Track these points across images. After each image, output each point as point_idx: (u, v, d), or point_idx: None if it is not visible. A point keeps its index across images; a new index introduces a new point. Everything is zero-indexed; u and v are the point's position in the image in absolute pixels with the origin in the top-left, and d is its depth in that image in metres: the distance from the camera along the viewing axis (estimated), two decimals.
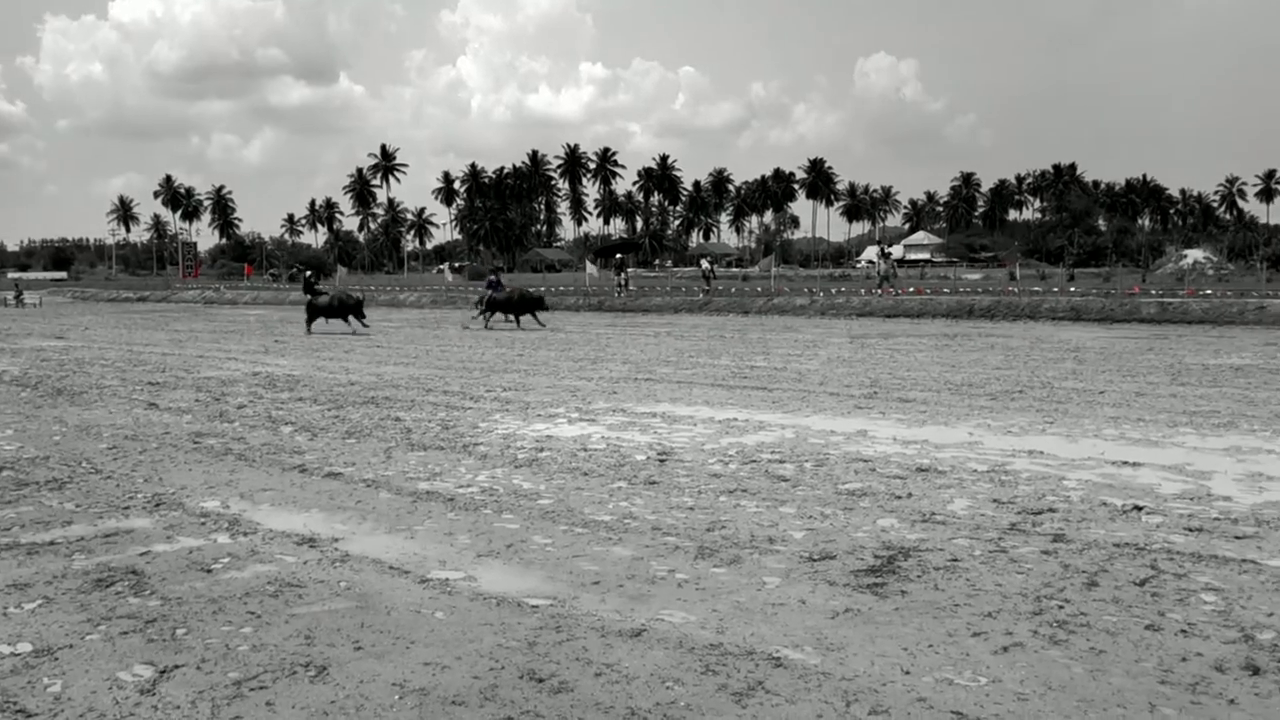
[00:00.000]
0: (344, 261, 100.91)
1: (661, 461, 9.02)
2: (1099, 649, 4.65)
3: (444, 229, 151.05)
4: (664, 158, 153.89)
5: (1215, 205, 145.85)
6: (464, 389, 14.53)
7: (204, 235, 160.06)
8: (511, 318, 29.51)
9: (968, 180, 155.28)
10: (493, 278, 31.68)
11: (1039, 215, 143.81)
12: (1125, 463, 8.69)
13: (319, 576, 5.94)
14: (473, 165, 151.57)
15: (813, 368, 16.92)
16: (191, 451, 9.92)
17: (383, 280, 74.73)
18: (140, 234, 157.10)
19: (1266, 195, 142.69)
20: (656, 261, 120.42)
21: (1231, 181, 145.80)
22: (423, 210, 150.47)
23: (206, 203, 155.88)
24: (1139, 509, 7.10)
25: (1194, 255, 72.05)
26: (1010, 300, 32.40)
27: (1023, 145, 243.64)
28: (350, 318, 28.32)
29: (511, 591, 5.59)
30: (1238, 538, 6.39)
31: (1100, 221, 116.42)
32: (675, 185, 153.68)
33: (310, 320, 28.66)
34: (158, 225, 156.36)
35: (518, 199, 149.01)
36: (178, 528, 7.05)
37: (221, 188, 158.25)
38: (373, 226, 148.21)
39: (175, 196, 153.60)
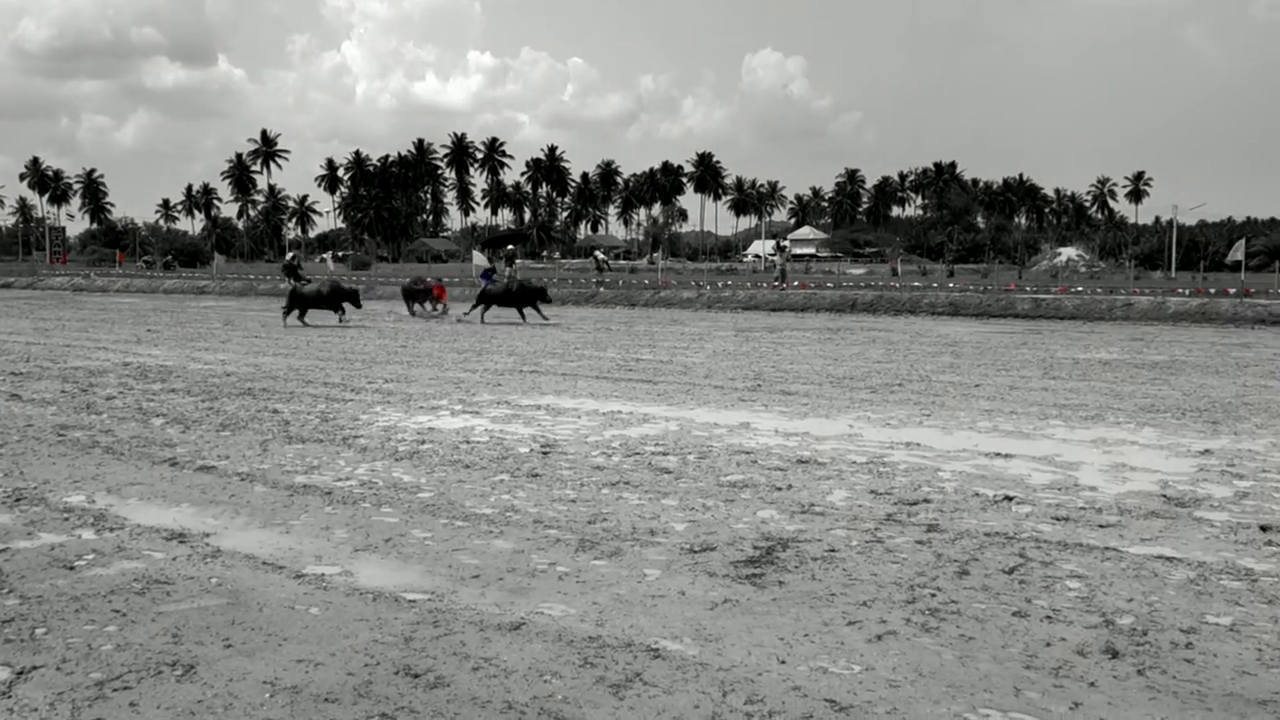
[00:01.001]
0: (222, 249, 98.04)
1: (545, 454, 8.97)
2: (968, 635, 4.76)
3: (327, 217, 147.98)
4: (552, 149, 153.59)
5: (1088, 205, 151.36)
6: (345, 380, 14.24)
7: (74, 220, 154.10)
8: (511, 310, 26.82)
9: (852, 177, 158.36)
10: (488, 267, 29.27)
11: (921, 212, 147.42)
12: (998, 454, 8.93)
13: (188, 573, 5.74)
14: (357, 153, 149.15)
15: (698, 361, 17.04)
16: (56, 444, 9.52)
17: (263, 269, 72.88)
18: (4, 218, 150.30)
19: (1135, 196, 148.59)
20: (544, 253, 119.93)
21: (1103, 182, 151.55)
22: (305, 198, 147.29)
23: (76, 186, 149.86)
24: (1009, 499, 7.31)
25: (1067, 253, 74.68)
26: (892, 295, 33.13)
27: (905, 143, 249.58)
28: (344, 307, 25.91)
29: (389, 586, 5.49)
30: (1101, 526, 6.62)
31: (979, 219, 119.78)
32: (563, 176, 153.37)
33: (290, 310, 25.78)
34: (23, 209, 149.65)
35: (403, 188, 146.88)
36: (39, 523, 6.75)
37: (93, 171, 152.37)
38: (253, 214, 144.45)
39: (43, 179, 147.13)
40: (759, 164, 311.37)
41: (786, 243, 64.13)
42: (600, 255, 48.51)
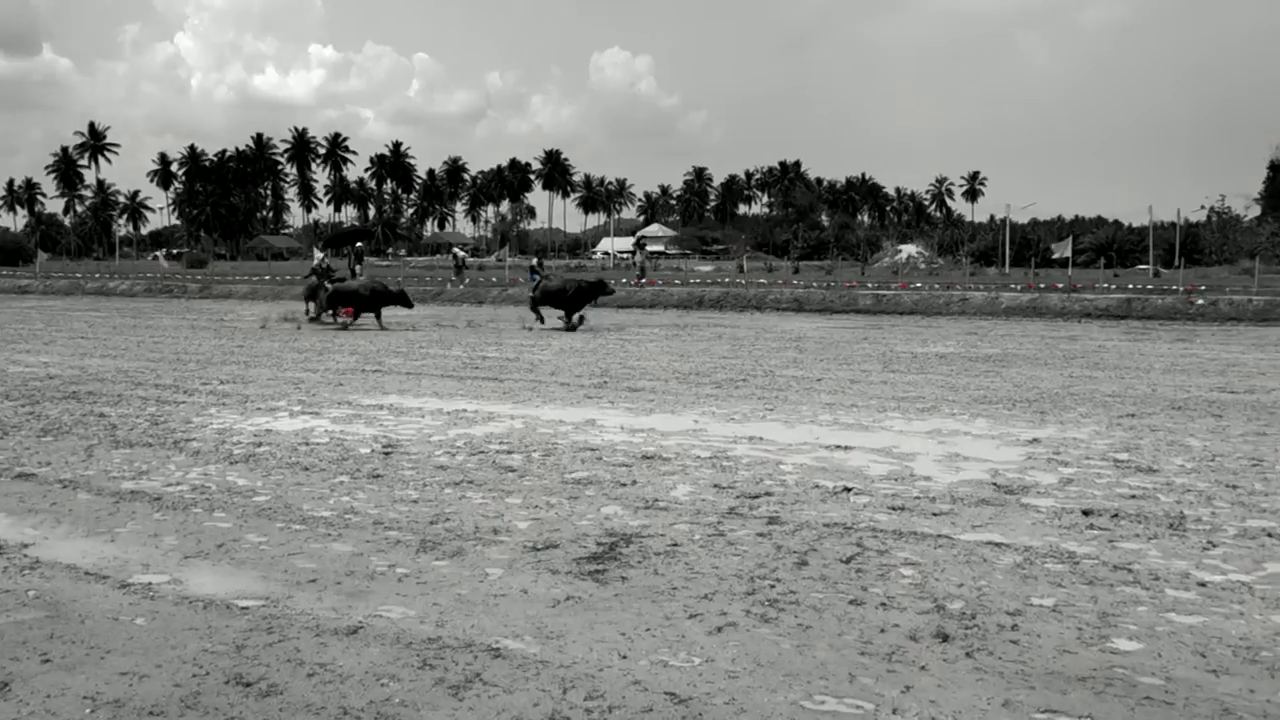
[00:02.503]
0: (46, 246, 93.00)
1: (386, 454, 8.77)
2: (806, 624, 4.84)
3: (161, 214, 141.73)
4: (397, 144, 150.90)
5: (927, 203, 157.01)
6: (177, 382, 13.66)
7: None
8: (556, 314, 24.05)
9: (700, 175, 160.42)
10: (534, 262, 27.36)
11: (767, 210, 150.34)
12: (838, 447, 9.14)
13: (4, 586, 5.41)
14: (192, 147, 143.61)
15: (545, 358, 16.96)
16: None
17: (91, 267, 69.53)
18: None
19: (972, 195, 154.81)
20: (390, 250, 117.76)
21: (941, 182, 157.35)
22: (136, 193, 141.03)
23: None
24: (848, 490, 7.48)
25: (908, 250, 77.32)
26: (738, 291, 33.67)
27: (752, 142, 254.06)
28: (382, 310, 24.02)
29: (220, 593, 5.27)
30: (935, 514, 6.83)
31: (823, 217, 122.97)
32: (409, 173, 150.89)
33: (323, 311, 24.00)
34: None
35: (242, 184, 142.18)
36: None
37: None
38: (80, 209, 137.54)
39: None
40: (608, 161, 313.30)
41: (646, 240, 64.61)
42: (460, 253, 47.65)
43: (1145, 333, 22.66)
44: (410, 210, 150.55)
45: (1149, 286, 33.28)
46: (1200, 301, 22.94)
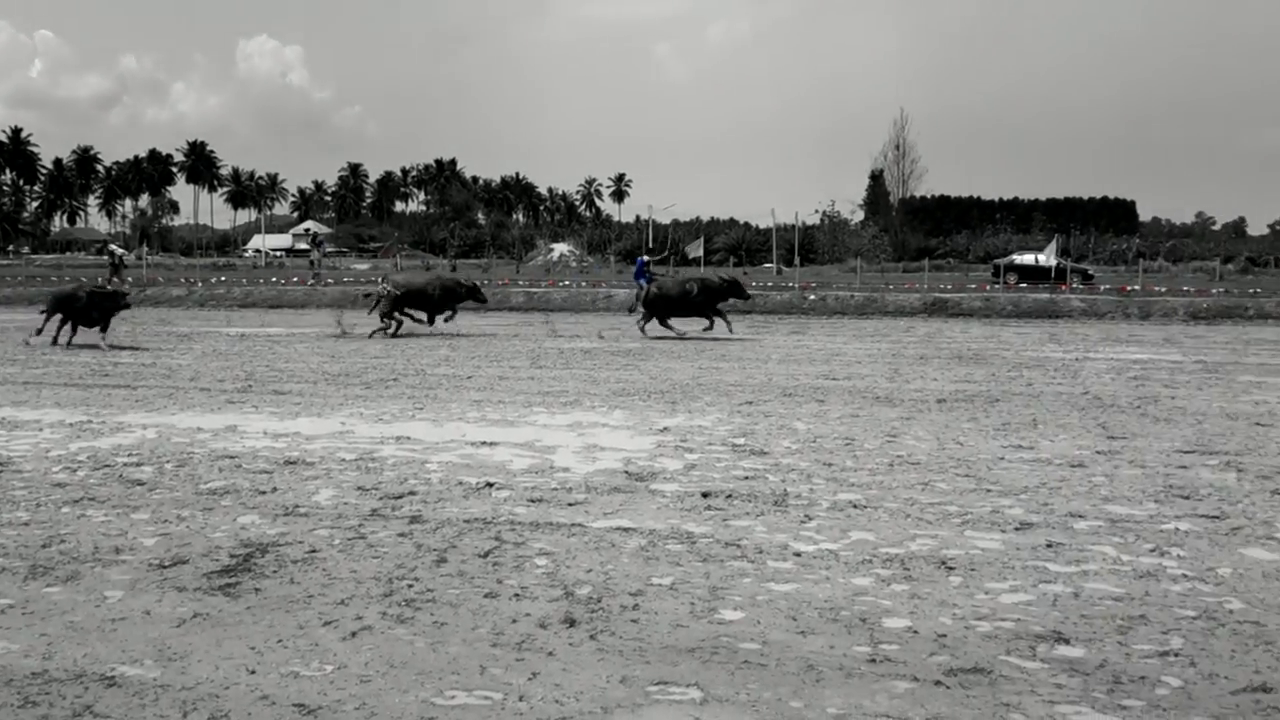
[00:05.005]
0: None
1: None
2: (441, 622, 4.97)
3: None
4: (17, 131, 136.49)
5: (578, 203, 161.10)
6: None
7: None
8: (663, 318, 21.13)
9: (355, 171, 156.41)
10: (644, 259, 23.36)
11: (425, 208, 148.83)
12: (484, 443, 9.33)
13: None
14: None
15: (185, 362, 16.08)
16: None
17: None
18: None
19: (619, 196, 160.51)
20: (11, 248, 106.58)
21: (590, 182, 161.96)
22: None
23: None
24: (490, 486, 7.68)
25: (560, 249, 79.11)
26: None
27: (408, 139, 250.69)
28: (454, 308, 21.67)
29: None
30: (570, 504, 7.16)
31: (480, 216, 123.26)
32: (32, 162, 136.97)
33: (388, 315, 20.92)
34: None
35: None
36: None
37: None
38: None
39: None
40: (258, 155, 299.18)
41: (323, 240, 62.17)
42: (118, 250, 43.62)
43: (766, 326, 24.52)
44: (34, 204, 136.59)
45: (770, 284, 36.08)
46: (812, 297, 25.10)
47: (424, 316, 21.58)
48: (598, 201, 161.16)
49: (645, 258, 23.41)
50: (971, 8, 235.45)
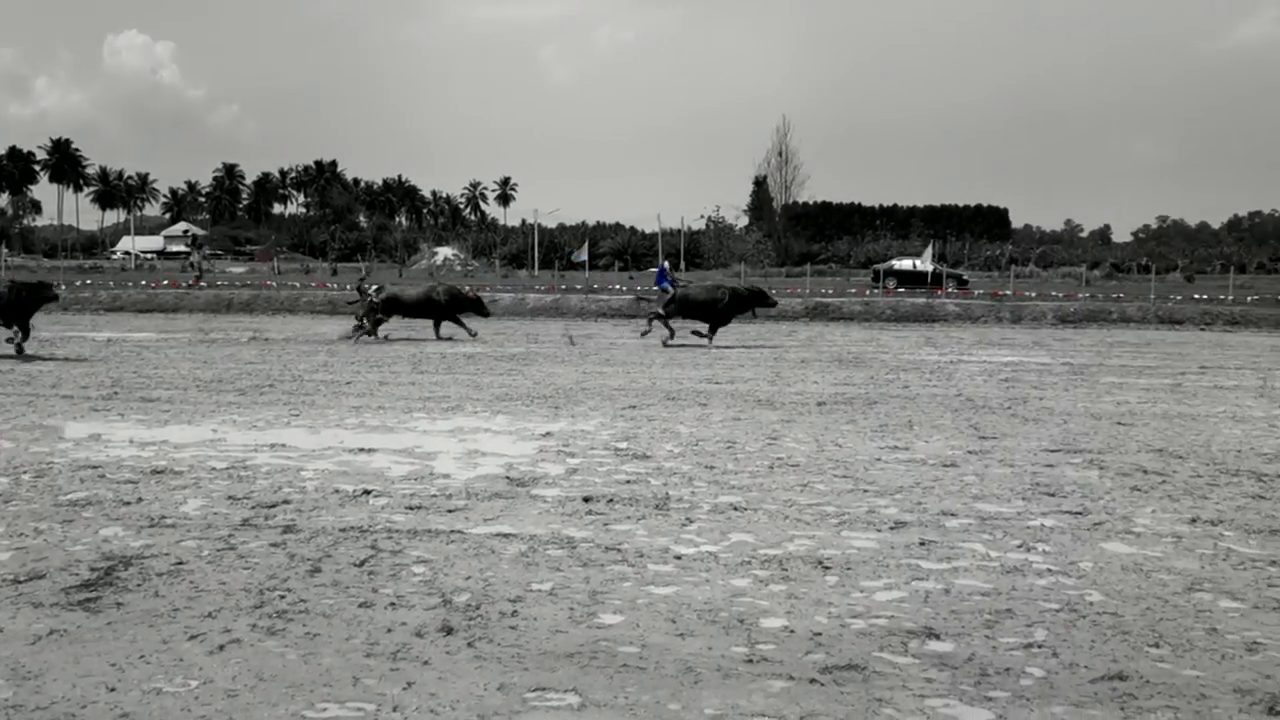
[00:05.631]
0: None
1: None
2: (314, 633, 4.84)
3: None
4: None
5: (462, 207, 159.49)
6: None
7: None
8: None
9: (231, 172, 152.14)
10: (664, 265, 23.36)
11: (304, 210, 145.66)
12: (362, 450, 9.15)
13: None
14: None
15: (46, 369, 15.42)
16: None
17: None
18: None
19: (504, 200, 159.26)
20: None
21: (475, 186, 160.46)
22: None
23: None
24: (367, 493, 7.53)
25: (444, 252, 78.28)
26: (270, 294, 32.47)
27: (286, 140, 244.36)
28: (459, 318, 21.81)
29: None
30: (450, 511, 7.06)
31: (361, 218, 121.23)
32: None
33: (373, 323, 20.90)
34: None
35: None
36: None
37: None
38: None
39: None
40: (127, 154, 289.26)
41: (203, 241, 60.27)
42: None
43: (651, 331, 24.55)
44: None
45: (655, 288, 36.25)
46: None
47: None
48: (483, 205, 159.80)
49: (666, 264, 23.10)
50: (854, 17, 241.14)
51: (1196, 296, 34.71)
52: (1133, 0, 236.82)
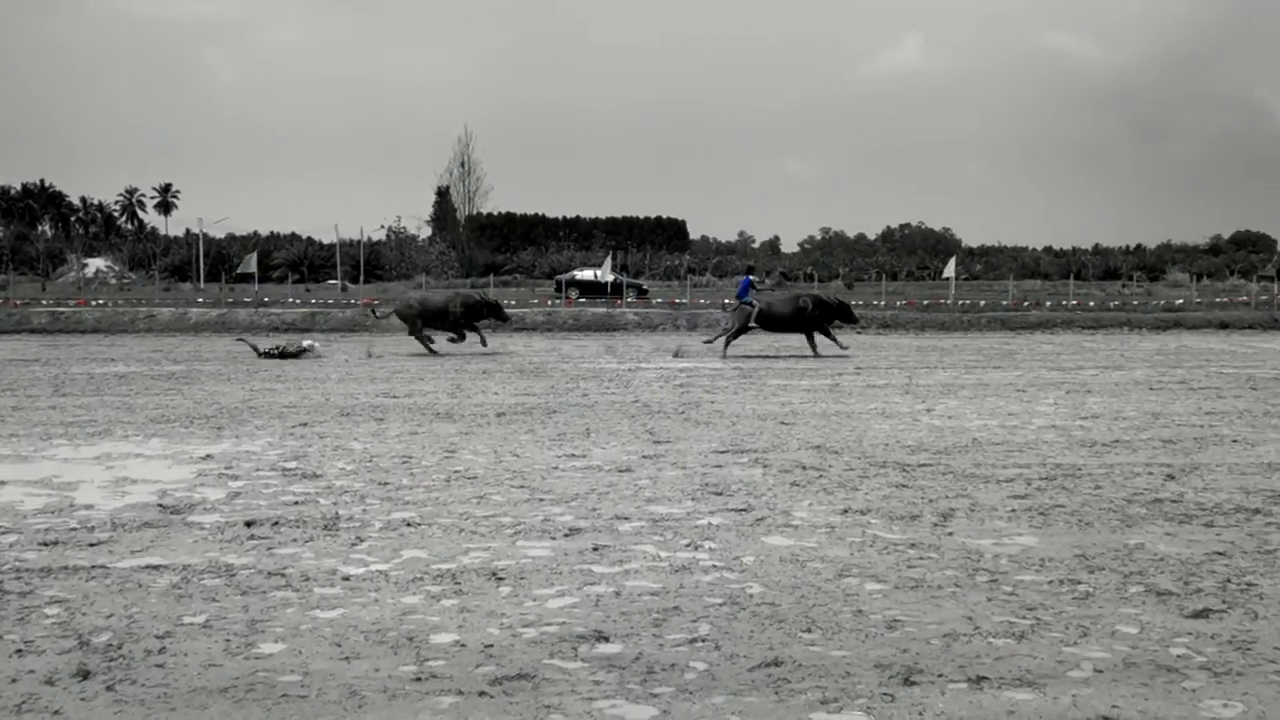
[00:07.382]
0: None
1: None
2: None
3: None
4: None
5: (117, 215, 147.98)
6: None
7: None
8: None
9: None
10: (751, 277, 21.54)
11: None
12: None
13: None
14: None
15: None
16: None
17: None
18: None
19: (165, 208, 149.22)
20: None
21: (131, 192, 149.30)
22: None
23: None
24: None
25: (96, 264, 72.43)
26: None
27: None
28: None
29: None
30: (92, 545, 6.45)
31: None
32: None
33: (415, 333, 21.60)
34: None
35: None
36: None
37: None
38: None
39: None
40: None
41: None
42: None
43: (329, 345, 23.77)
44: None
45: (331, 301, 35.18)
46: (378, 314, 24.77)
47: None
48: (140, 213, 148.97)
49: (752, 277, 23.22)
50: (536, 29, 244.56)
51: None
52: (791, 28, 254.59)
